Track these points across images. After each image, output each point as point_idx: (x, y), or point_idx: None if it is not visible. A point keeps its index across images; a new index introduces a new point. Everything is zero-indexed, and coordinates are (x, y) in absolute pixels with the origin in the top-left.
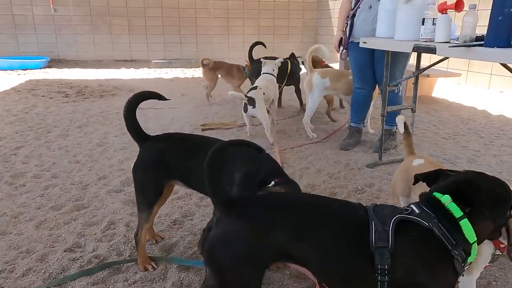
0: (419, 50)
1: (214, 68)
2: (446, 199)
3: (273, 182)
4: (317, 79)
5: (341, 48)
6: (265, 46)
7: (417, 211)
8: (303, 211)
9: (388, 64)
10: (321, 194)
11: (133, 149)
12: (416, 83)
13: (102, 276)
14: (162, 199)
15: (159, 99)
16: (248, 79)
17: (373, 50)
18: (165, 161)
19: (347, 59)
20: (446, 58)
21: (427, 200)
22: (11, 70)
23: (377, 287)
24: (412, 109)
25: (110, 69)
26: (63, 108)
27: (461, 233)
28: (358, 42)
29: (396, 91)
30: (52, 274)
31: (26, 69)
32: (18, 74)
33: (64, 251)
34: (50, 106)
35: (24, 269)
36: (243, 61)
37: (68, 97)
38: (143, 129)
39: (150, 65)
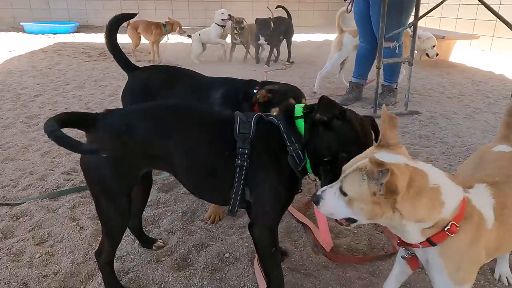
0: None
1: (134, 26)
2: (298, 106)
3: (255, 90)
4: (348, 39)
5: (348, 1)
6: (287, 12)
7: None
8: (171, 112)
9: (385, 15)
10: None
11: None
12: (414, 35)
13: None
14: None
15: (128, 18)
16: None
17: (369, 2)
18: (149, 88)
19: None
20: (439, 4)
21: (286, 109)
22: (42, 34)
23: (235, 173)
24: (409, 62)
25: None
26: (84, 66)
27: (296, 130)
28: None
29: (392, 48)
30: (48, 189)
31: (56, 33)
32: (48, 38)
33: (62, 173)
34: (72, 64)
35: (25, 185)
36: None
37: (90, 57)
38: None
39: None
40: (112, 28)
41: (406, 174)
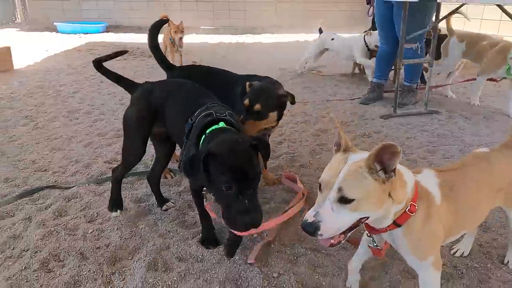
0: None
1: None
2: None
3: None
4: (453, 43)
5: (369, 5)
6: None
7: None
8: (179, 87)
9: (405, 18)
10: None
11: None
12: (434, 37)
13: (130, 180)
14: None
15: (165, 23)
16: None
17: (393, 6)
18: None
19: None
20: (460, 6)
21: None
22: (74, 33)
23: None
24: (429, 63)
25: (161, 34)
26: (116, 65)
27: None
28: None
29: (414, 49)
30: (93, 176)
31: (87, 33)
32: (80, 37)
33: (104, 162)
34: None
35: (73, 171)
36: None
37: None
38: None
39: (199, 31)
40: (154, 31)
41: None
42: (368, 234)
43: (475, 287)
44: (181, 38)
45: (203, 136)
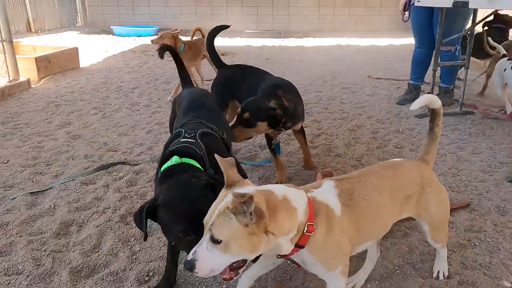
0: (457, 5)
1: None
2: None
3: None
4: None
5: (405, 11)
6: None
7: None
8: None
9: (442, 22)
10: (365, 133)
11: None
12: (470, 41)
13: None
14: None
15: (225, 29)
16: None
17: (433, 11)
18: (229, 80)
19: (409, 21)
20: (493, 12)
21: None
22: (128, 36)
23: None
24: (465, 65)
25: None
26: (168, 65)
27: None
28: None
29: (452, 51)
30: (156, 156)
31: (139, 36)
32: (134, 40)
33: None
34: (157, 63)
35: (138, 152)
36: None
37: (171, 57)
38: None
39: (243, 35)
40: (212, 36)
41: (262, 197)
42: (278, 256)
43: (485, 255)
44: None
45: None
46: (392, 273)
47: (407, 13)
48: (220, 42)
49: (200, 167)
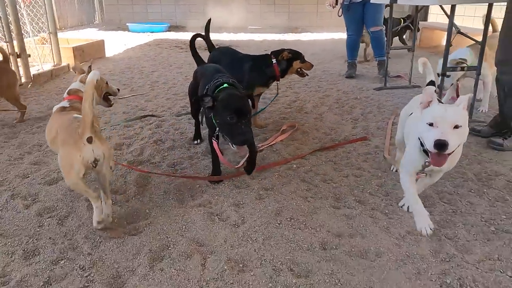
0: (392, 2)
1: None
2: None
3: (274, 60)
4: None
5: (339, 6)
6: None
7: None
8: (206, 69)
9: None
10: (330, 100)
11: None
12: (415, 29)
13: None
14: None
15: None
16: None
17: (363, 7)
18: (215, 58)
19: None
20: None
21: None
22: (142, 32)
23: None
24: (409, 49)
25: (214, 33)
26: (179, 55)
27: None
28: (355, 2)
29: (379, 30)
30: (173, 112)
31: (152, 32)
32: (148, 35)
33: (180, 107)
34: (171, 54)
35: (161, 110)
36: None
37: (182, 49)
38: None
39: (247, 30)
40: (207, 27)
41: None
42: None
43: None
44: None
45: (217, 91)
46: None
47: (340, 10)
48: (225, 37)
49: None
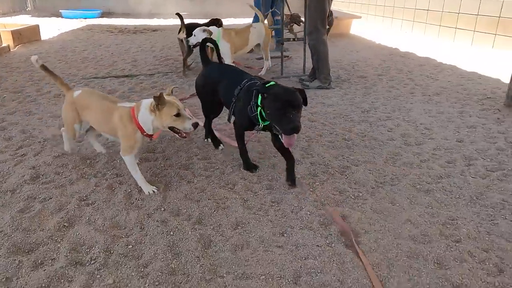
0: None
1: None
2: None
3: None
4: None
5: None
6: None
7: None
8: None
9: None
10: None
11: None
12: (282, 20)
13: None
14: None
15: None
16: None
17: None
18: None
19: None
20: None
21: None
22: (75, 18)
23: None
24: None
25: (144, 18)
26: (110, 37)
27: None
28: None
29: (278, 18)
30: (124, 71)
31: (86, 18)
32: (81, 21)
33: (126, 63)
34: (101, 37)
35: (106, 71)
36: None
37: (112, 32)
38: None
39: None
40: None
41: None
42: None
43: None
44: None
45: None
46: None
47: None
48: (153, 22)
49: None
